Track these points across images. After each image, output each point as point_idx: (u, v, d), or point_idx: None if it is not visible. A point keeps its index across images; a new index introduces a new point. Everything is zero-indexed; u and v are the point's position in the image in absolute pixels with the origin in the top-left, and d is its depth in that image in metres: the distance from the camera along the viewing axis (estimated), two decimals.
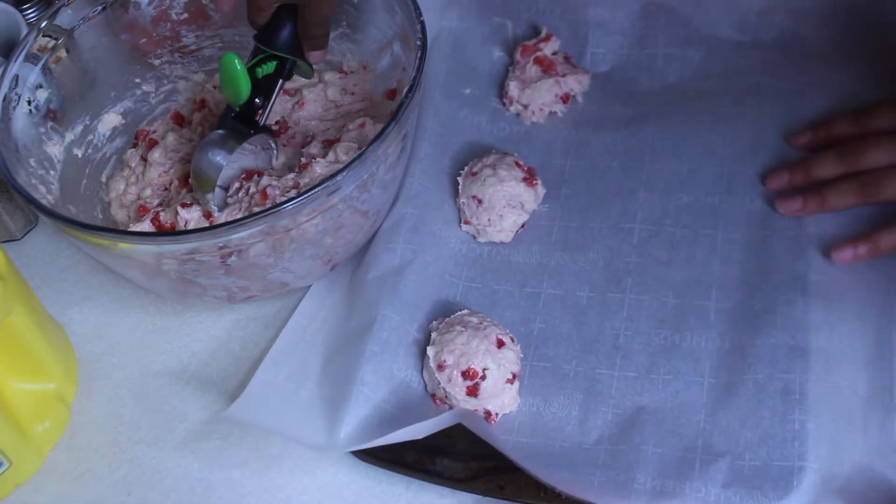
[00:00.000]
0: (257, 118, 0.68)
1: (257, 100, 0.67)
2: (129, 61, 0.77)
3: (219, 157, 0.67)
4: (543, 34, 0.80)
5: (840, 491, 0.56)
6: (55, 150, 0.71)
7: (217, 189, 0.67)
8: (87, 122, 0.74)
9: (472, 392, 0.61)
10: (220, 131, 0.69)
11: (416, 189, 0.72)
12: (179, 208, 0.67)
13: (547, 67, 0.78)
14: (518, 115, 0.78)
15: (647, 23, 0.80)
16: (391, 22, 0.71)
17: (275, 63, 0.67)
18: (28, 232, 0.79)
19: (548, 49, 0.79)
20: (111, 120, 0.76)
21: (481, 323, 0.63)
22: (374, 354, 0.63)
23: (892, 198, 0.64)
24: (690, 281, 0.66)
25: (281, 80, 0.67)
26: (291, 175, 0.67)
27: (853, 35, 0.76)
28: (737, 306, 0.64)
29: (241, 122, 0.68)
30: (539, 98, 0.76)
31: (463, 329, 0.62)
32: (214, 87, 0.78)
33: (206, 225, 0.66)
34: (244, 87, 0.66)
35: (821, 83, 0.74)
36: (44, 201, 0.64)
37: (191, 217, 0.67)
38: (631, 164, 0.73)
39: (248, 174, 0.68)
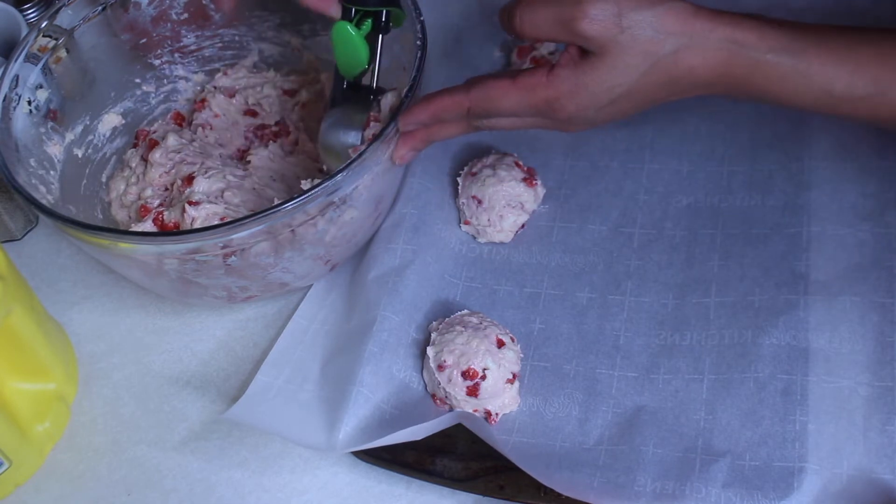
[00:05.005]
0: (368, 83, 0.66)
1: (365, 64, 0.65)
2: (129, 61, 0.77)
3: (350, 136, 0.66)
4: None
5: (840, 493, 0.56)
6: (55, 150, 0.71)
7: None
8: (87, 122, 0.74)
9: (472, 392, 0.61)
10: (343, 107, 0.67)
11: (417, 189, 0.72)
12: (187, 206, 0.67)
13: None
14: None
15: None
16: None
17: (370, 20, 0.64)
18: (28, 232, 0.79)
19: (544, 49, 0.79)
20: (111, 120, 0.76)
21: (481, 323, 0.63)
22: (373, 355, 0.63)
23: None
24: (690, 280, 0.66)
25: (381, 36, 0.65)
26: None
27: None
28: (737, 302, 0.64)
29: (353, 92, 0.66)
30: None
31: (463, 329, 0.62)
32: (215, 88, 0.78)
33: (216, 223, 0.66)
34: (362, 52, 0.64)
35: None
36: (44, 201, 0.64)
37: (198, 215, 0.67)
38: (631, 165, 0.73)
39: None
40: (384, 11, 0.64)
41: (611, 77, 0.56)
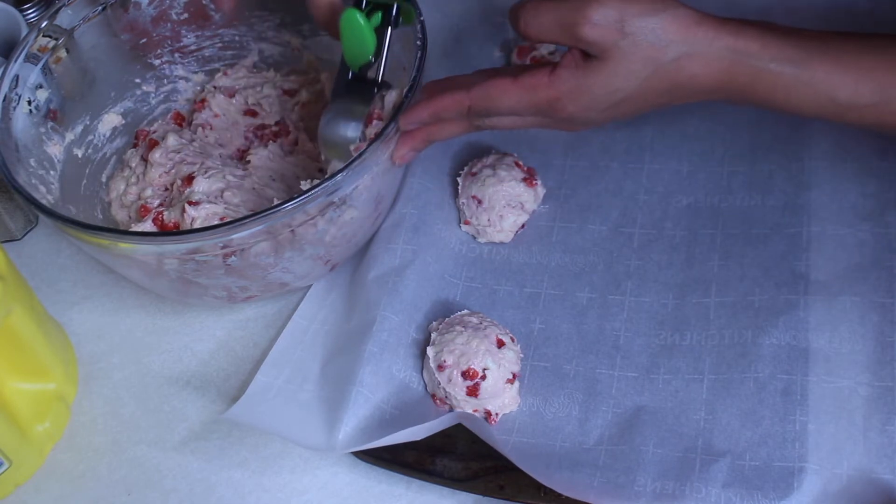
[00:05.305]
0: (372, 76, 0.66)
1: (371, 57, 0.65)
2: (129, 61, 0.77)
3: (350, 128, 0.66)
4: None
5: (840, 493, 0.56)
6: (55, 150, 0.71)
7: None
8: (87, 122, 0.74)
9: (472, 392, 0.61)
10: (345, 99, 0.67)
11: (417, 189, 0.72)
12: (187, 206, 0.67)
13: None
14: None
15: None
16: None
17: (380, 13, 0.64)
18: (28, 232, 0.79)
19: (543, 49, 0.79)
20: (111, 120, 0.76)
21: (481, 323, 0.63)
22: (373, 355, 0.63)
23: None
24: (690, 280, 0.66)
25: (390, 30, 0.65)
26: None
27: None
28: (737, 302, 0.64)
29: (357, 84, 0.66)
30: None
31: (463, 329, 0.62)
32: (215, 88, 0.78)
33: (216, 223, 0.66)
34: (370, 42, 0.63)
35: None
36: (44, 201, 0.64)
37: (198, 215, 0.67)
38: (631, 165, 0.73)
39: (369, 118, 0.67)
40: (395, 6, 0.64)
41: (612, 81, 0.56)
